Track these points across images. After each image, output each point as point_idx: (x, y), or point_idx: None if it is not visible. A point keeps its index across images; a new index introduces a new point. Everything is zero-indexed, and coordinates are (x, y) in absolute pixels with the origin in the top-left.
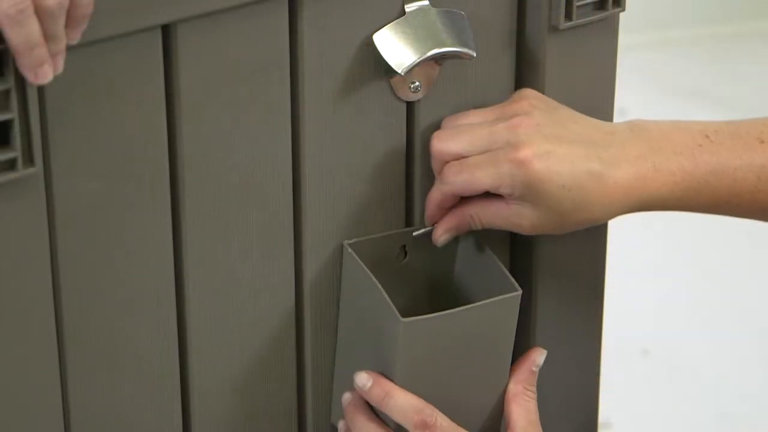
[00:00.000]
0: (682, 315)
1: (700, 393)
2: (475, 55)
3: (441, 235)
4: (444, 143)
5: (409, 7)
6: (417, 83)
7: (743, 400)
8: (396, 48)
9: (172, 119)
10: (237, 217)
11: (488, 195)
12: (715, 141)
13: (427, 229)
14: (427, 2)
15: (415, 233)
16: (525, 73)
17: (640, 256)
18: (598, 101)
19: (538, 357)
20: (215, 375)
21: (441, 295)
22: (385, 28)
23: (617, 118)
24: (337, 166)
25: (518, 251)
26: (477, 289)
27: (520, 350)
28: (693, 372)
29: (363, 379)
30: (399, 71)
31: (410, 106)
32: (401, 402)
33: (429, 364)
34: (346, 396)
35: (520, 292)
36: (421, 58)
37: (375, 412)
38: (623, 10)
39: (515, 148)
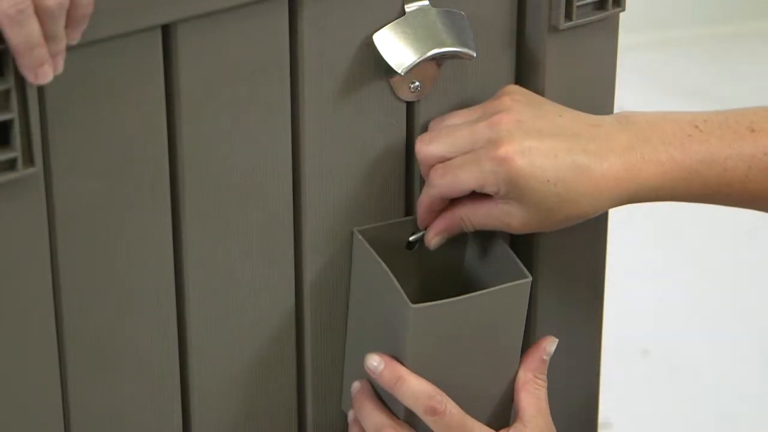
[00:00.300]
0: (682, 315)
1: (700, 393)
2: (475, 55)
3: (432, 238)
4: (427, 146)
5: (409, 7)
6: (417, 83)
7: (743, 400)
8: (396, 48)
9: (172, 119)
10: (237, 217)
11: (478, 196)
12: (704, 131)
13: (420, 233)
14: (427, 2)
15: (410, 238)
16: (525, 73)
17: (640, 256)
18: (598, 101)
19: (549, 345)
20: (215, 375)
21: (451, 283)
22: (385, 28)
23: None
24: (337, 166)
25: (518, 252)
26: (487, 276)
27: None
28: (693, 372)
29: (374, 361)
30: (399, 71)
31: (410, 106)
32: (414, 387)
33: (439, 351)
34: (355, 385)
35: (530, 278)
36: (421, 58)
37: (383, 401)
38: (623, 10)
39: (496, 146)
